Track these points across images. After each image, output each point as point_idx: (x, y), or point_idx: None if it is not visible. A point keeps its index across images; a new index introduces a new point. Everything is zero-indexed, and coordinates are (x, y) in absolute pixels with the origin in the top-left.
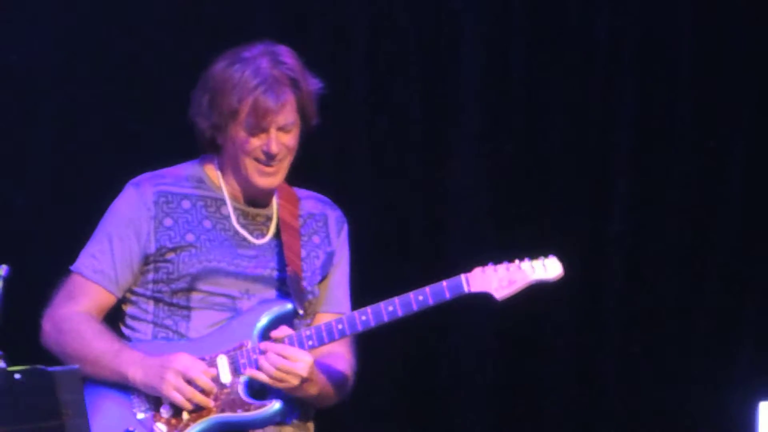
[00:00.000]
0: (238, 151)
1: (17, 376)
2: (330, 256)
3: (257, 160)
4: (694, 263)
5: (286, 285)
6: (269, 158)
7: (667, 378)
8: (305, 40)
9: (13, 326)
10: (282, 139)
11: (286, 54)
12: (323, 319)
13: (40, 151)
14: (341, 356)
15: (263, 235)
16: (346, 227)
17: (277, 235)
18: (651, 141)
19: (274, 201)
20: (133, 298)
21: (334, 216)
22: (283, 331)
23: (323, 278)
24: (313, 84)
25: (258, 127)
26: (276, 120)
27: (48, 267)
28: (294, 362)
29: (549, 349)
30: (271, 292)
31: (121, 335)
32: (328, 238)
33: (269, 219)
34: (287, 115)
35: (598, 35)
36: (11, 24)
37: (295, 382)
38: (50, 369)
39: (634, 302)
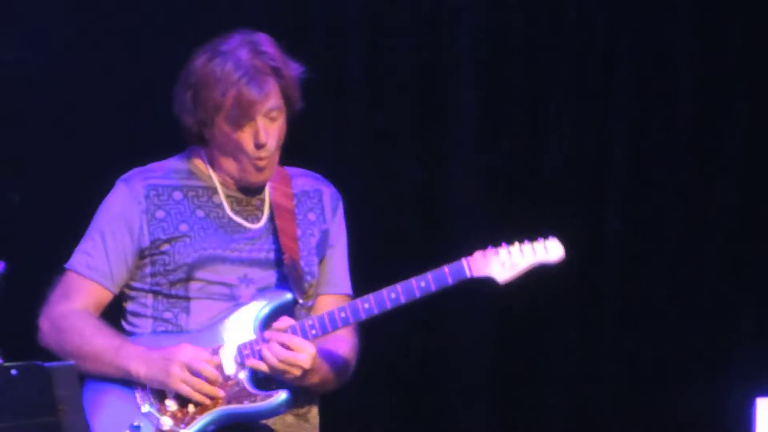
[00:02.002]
0: (229, 143)
1: (14, 371)
2: (325, 235)
3: (250, 155)
4: (691, 261)
5: (284, 267)
6: (260, 148)
7: (665, 375)
8: (303, 35)
9: (9, 322)
10: (269, 127)
11: (265, 42)
12: (325, 301)
13: (38, 147)
14: (343, 339)
15: (258, 220)
16: (341, 205)
17: (273, 218)
18: (649, 139)
19: (267, 185)
20: (132, 293)
21: (329, 192)
22: (285, 321)
23: (320, 258)
24: (294, 69)
25: (244, 118)
26: (261, 108)
27: (45, 264)
28: (298, 353)
29: (547, 347)
30: (270, 275)
31: (122, 331)
32: (323, 215)
33: (263, 202)
34: (272, 101)
35: (597, 33)
36: (9, 22)
37: (298, 373)
38: (47, 365)
39: (631, 300)
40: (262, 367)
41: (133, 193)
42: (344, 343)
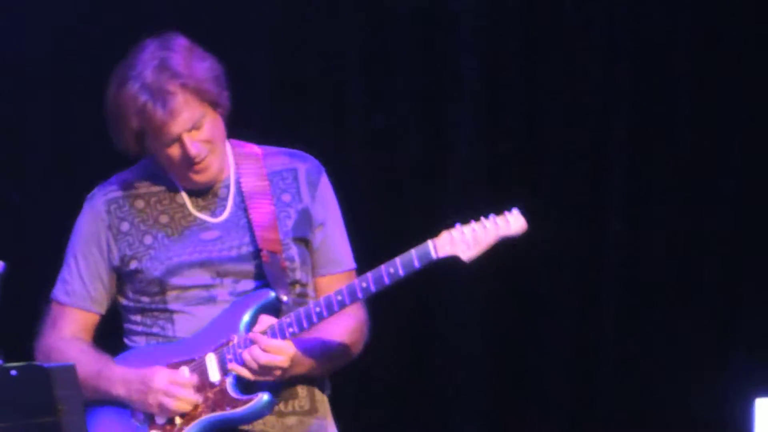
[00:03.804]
0: (164, 163)
1: (13, 372)
2: (304, 214)
3: (184, 167)
4: (691, 260)
5: (263, 263)
6: (191, 162)
7: (664, 374)
8: (303, 37)
9: (9, 323)
10: (198, 137)
11: (174, 52)
12: (329, 281)
13: (37, 147)
14: (343, 319)
15: (224, 210)
16: (324, 178)
17: (240, 204)
18: (649, 136)
19: (232, 170)
20: (125, 313)
21: (304, 168)
22: (265, 323)
23: (302, 238)
24: (200, 71)
25: (166, 140)
26: (178, 127)
27: (44, 264)
28: (275, 355)
29: (545, 347)
30: (245, 266)
31: (126, 347)
32: (298, 194)
33: (228, 190)
34: (185, 118)
35: (596, 29)
36: (9, 21)
37: (278, 373)
38: (46, 365)
39: (630, 298)
40: (244, 372)
41: (94, 211)
42: (343, 324)
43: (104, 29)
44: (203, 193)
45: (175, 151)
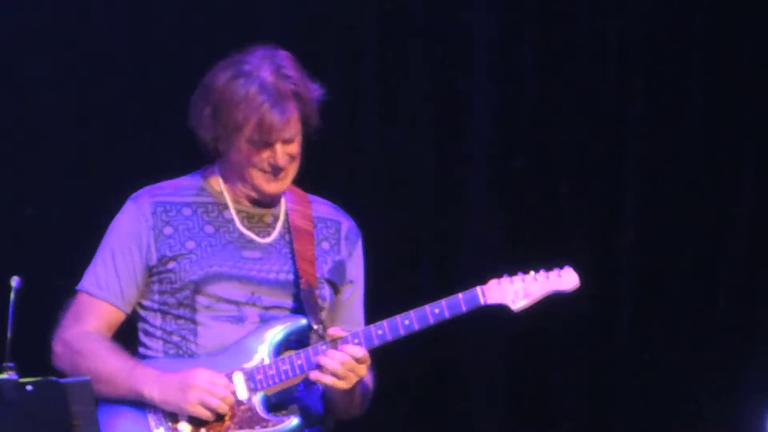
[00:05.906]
0: (244, 161)
1: (29, 387)
2: (339, 266)
3: (263, 170)
4: (704, 269)
5: (295, 287)
6: (276, 170)
7: (677, 385)
8: (314, 48)
9: (24, 337)
10: (287, 150)
11: (288, 63)
12: None
13: (50, 160)
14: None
15: (269, 234)
16: (360, 242)
17: (284, 235)
18: (661, 150)
19: (283, 202)
20: (143, 313)
21: (347, 225)
22: (336, 331)
23: (332, 283)
24: (314, 91)
25: (263, 142)
26: (281, 135)
27: (59, 278)
28: (357, 358)
29: (559, 358)
30: (280, 295)
31: (138, 355)
32: (337, 246)
33: (276, 219)
34: (292, 128)
35: (609, 41)
36: (24, 31)
37: (363, 373)
38: (62, 380)
39: (644, 310)
40: (326, 380)
41: (140, 210)
42: (369, 379)
43: (117, 37)
44: (252, 216)
45: (262, 155)
